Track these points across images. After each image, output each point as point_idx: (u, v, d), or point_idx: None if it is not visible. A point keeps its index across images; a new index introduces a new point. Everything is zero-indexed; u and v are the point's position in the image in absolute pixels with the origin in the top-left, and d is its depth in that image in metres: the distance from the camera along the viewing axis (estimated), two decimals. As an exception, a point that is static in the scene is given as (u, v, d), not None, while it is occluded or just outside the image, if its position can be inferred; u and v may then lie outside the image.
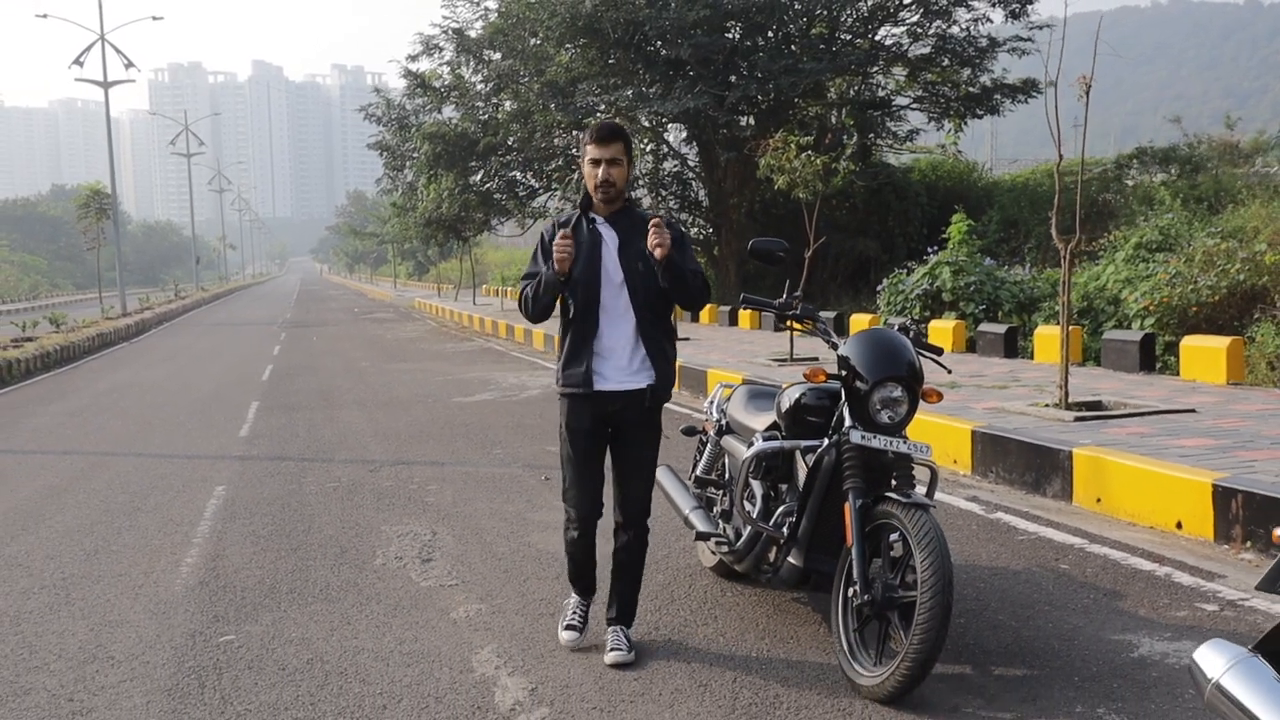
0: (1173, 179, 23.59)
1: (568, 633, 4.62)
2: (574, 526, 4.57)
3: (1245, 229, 15.04)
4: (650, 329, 4.38)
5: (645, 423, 4.47)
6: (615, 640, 4.42)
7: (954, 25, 25.13)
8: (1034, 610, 4.80)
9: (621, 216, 4.40)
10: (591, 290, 4.33)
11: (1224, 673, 2.24)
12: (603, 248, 4.33)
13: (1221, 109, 39.18)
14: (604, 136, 4.30)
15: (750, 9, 23.45)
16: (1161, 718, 3.69)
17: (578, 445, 4.48)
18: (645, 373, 4.38)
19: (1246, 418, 7.98)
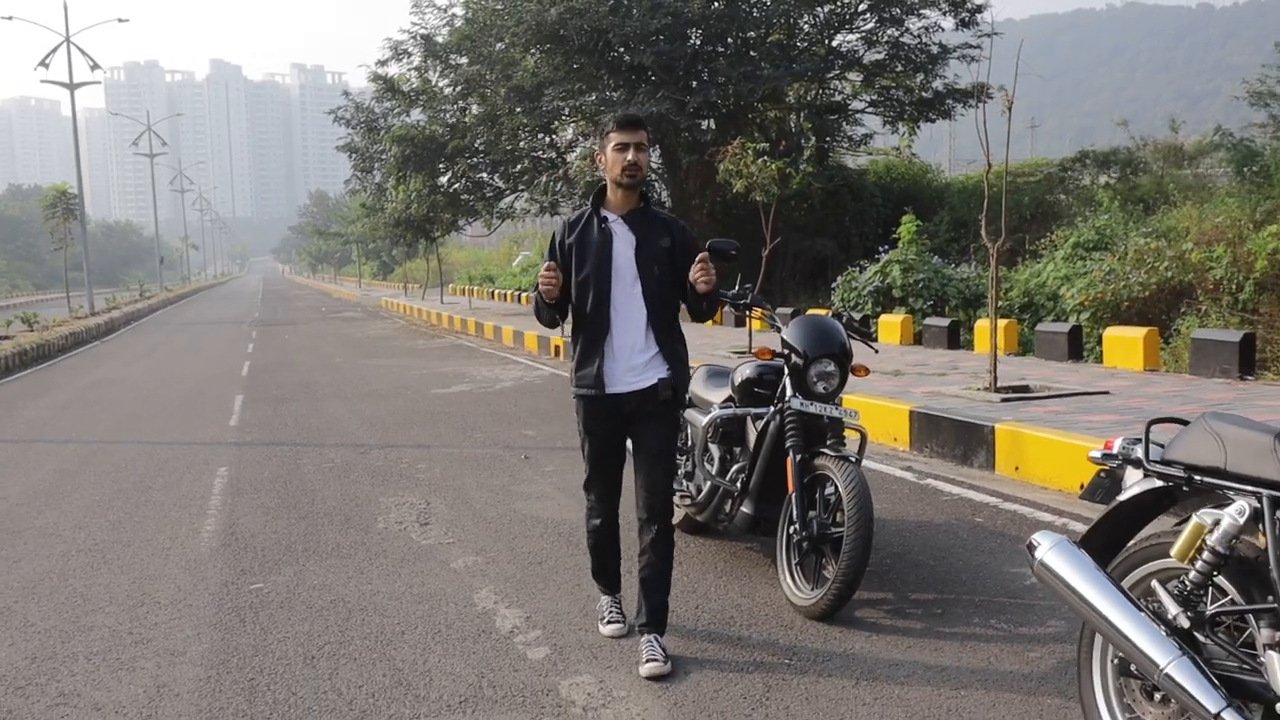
0: (1114, 181, 24.68)
1: (611, 627, 4.65)
2: (596, 513, 4.63)
3: (1176, 229, 16.02)
4: (662, 330, 4.36)
5: (661, 417, 4.43)
6: (651, 651, 4.28)
7: (906, 33, 26.11)
8: (949, 552, 5.68)
9: (639, 215, 4.37)
10: (603, 289, 4.31)
11: (1045, 553, 3.09)
12: (614, 246, 4.32)
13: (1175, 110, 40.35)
14: (629, 123, 4.31)
15: (710, 17, 24.30)
16: (1038, 625, 4.58)
17: (595, 447, 4.52)
18: (656, 369, 4.35)
19: (1153, 398, 8.90)
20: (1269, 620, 2.73)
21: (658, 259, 4.32)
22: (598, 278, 4.32)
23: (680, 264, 4.35)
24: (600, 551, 4.71)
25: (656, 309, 4.34)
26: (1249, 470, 2.80)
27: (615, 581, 4.76)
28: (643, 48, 23.51)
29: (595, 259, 4.32)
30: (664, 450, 4.45)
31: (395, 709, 4.00)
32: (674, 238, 4.39)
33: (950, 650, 4.34)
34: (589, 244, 4.35)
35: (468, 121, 28.19)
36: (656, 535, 4.44)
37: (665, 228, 4.40)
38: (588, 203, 4.49)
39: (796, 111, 27.61)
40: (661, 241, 4.35)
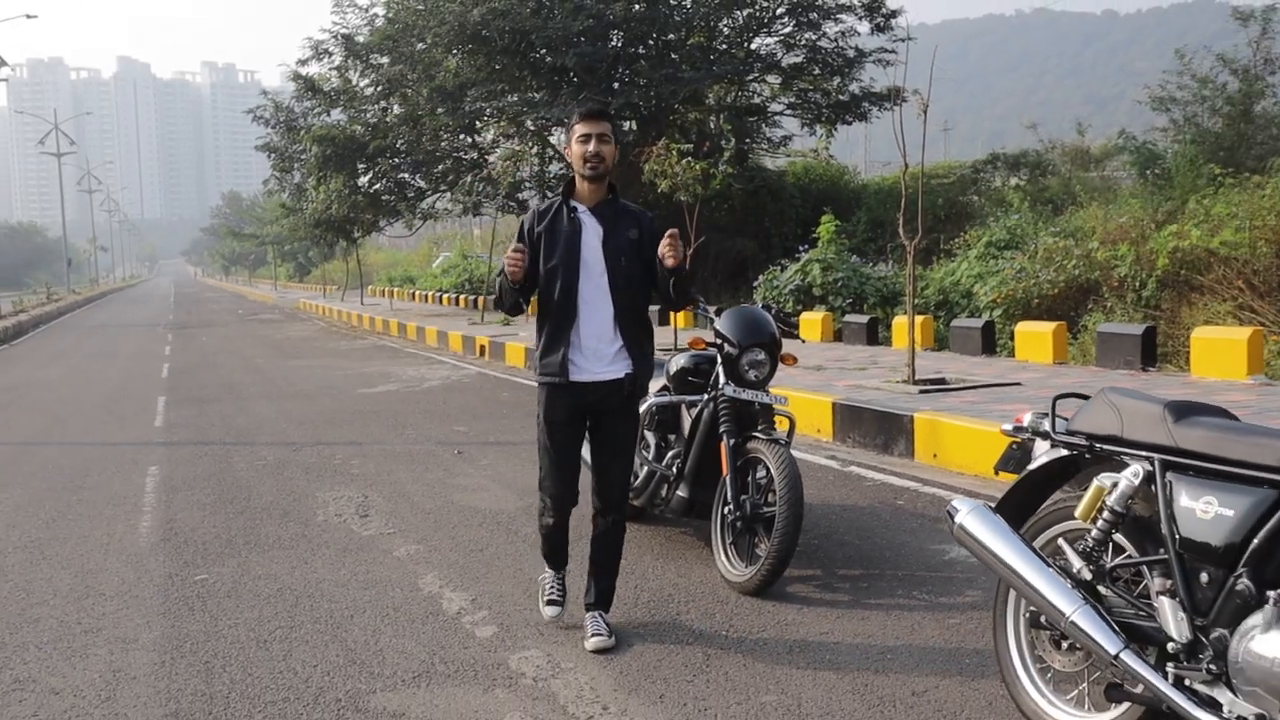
0: (1024, 182, 25.45)
1: (550, 608, 4.68)
2: (550, 514, 4.61)
3: (1083, 229, 16.65)
4: (628, 322, 4.40)
5: (624, 411, 4.50)
6: (596, 626, 4.42)
7: (824, 37, 26.65)
8: (873, 532, 5.99)
9: (607, 207, 4.41)
10: (570, 279, 4.33)
11: (964, 517, 3.38)
12: (583, 237, 4.36)
13: (1082, 114, 41.45)
14: (593, 113, 4.34)
15: (632, 19, 24.58)
16: (957, 595, 4.91)
17: (555, 436, 4.49)
18: (623, 362, 4.40)
19: (1062, 388, 9.25)
20: (1160, 571, 3.04)
21: (625, 251, 4.36)
22: (565, 268, 4.33)
23: (649, 255, 4.39)
24: (552, 542, 4.72)
25: (623, 300, 4.36)
26: (1142, 437, 3.11)
27: (563, 560, 4.77)
28: (565, 49, 23.71)
29: (564, 249, 4.34)
30: (625, 445, 4.53)
31: (351, 685, 4.16)
32: (642, 230, 4.43)
33: (876, 619, 4.63)
34: (558, 234, 4.36)
35: (389, 121, 28.15)
36: (611, 525, 4.54)
37: (634, 220, 4.44)
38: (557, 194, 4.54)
39: (716, 113, 28.01)
40: (629, 233, 4.38)
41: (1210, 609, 2.88)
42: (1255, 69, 23.92)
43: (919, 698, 3.82)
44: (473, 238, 60.29)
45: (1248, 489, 2.83)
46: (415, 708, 3.93)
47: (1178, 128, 24.60)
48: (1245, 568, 2.79)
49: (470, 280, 37.57)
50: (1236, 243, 12.88)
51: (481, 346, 18.88)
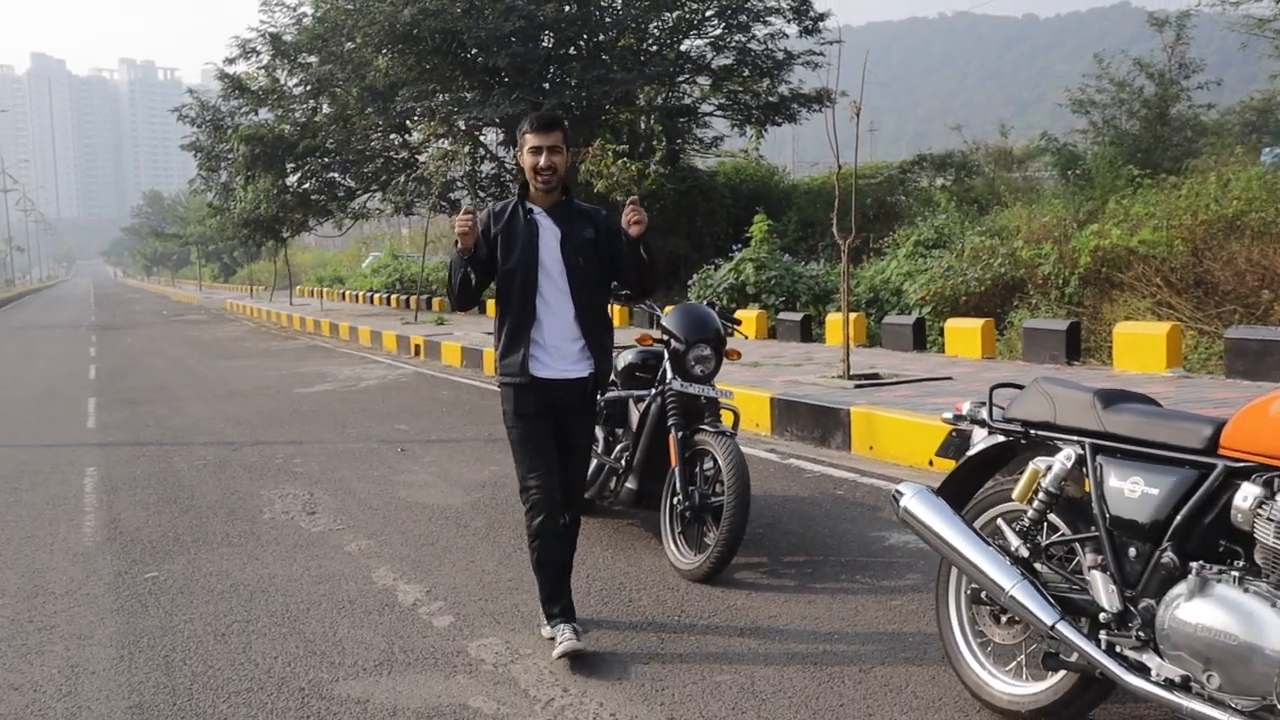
0: (949, 182, 25.99)
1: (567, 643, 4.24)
2: (539, 511, 4.39)
3: (1008, 228, 17.08)
4: (589, 321, 4.43)
5: (585, 409, 4.55)
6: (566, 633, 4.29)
7: (753, 39, 26.95)
8: (815, 521, 6.19)
9: (562, 209, 4.44)
10: (529, 280, 4.35)
11: (909, 500, 3.56)
12: (540, 239, 4.37)
13: (1004, 116, 42.34)
14: (544, 125, 4.32)
15: (563, 20, 24.66)
16: (898, 579, 5.12)
17: (530, 429, 4.41)
18: (586, 361, 4.44)
19: (992, 381, 9.57)
20: (1092, 547, 3.25)
21: (583, 251, 4.39)
22: (524, 270, 4.34)
23: (606, 251, 4.45)
24: (550, 565, 4.42)
25: (583, 299, 4.40)
26: (1074, 423, 3.33)
27: (571, 608, 4.42)
28: (497, 49, 23.72)
29: (522, 251, 4.34)
30: (582, 443, 4.57)
31: (314, 674, 4.25)
32: (598, 228, 4.47)
33: (822, 602, 4.82)
34: (515, 236, 4.37)
35: (319, 121, 27.93)
36: (569, 521, 4.49)
37: (589, 219, 4.49)
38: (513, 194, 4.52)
39: (647, 114, 28.20)
40: (586, 233, 4.42)
41: (1138, 581, 3.10)
42: (1170, 73, 24.69)
43: (866, 674, 4.00)
44: (402, 238, 59.90)
45: (1171, 469, 3.05)
46: (379, 695, 4.03)
47: (1097, 130, 25.31)
48: (1170, 542, 3.01)
49: (401, 280, 37.36)
50: (1155, 241, 13.31)
51: (416, 346, 18.86)
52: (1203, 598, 2.87)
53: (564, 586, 4.43)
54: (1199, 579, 2.90)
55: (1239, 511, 2.84)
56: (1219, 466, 2.94)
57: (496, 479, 7.84)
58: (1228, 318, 11.95)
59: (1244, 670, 2.75)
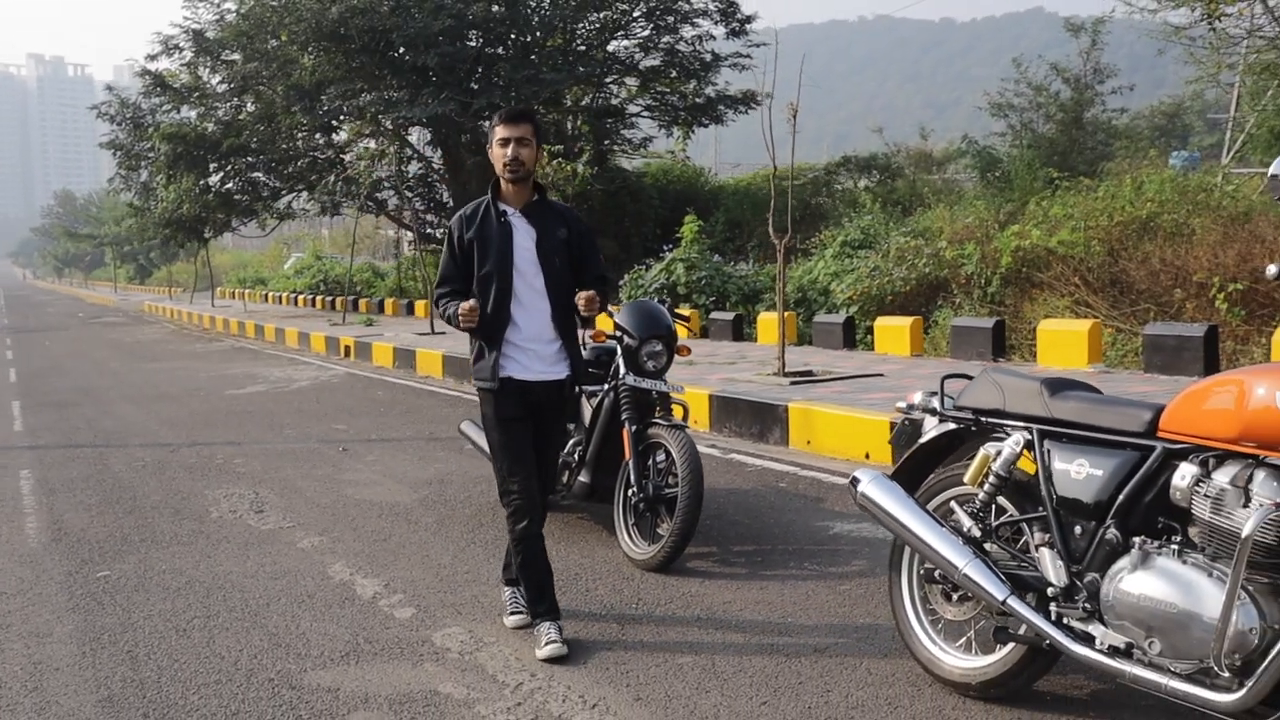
0: (873, 184, 26.47)
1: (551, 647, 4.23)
2: (523, 515, 4.39)
3: (931, 229, 17.49)
4: (564, 320, 4.43)
5: (560, 409, 4.58)
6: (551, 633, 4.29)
7: (681, 41, 27.19)
8: (761, 513, 6.37)
9: (535, 208, 4.43)
10: (504, 284, 4.32)
11: (866, 485, 3.75)
12: (514, 240, 4.35)
13: (922, 118, 43.17)
14: (513, 117, 4.30)
15: (491, 20, 24.67)
16: (845, 565, 5.32)
17: (510, 432, 4.40)
18: (563, 363, 4.46)
19: (922, 378, 9.94)
20: (1040, 526, 3.46)
21: (557, 251, 4.39)
22: (500, 273, 4.32)
23: (577, 252, 4.48)
24: (534, 568, 4.41)
25: (559, 300, 4.39)
26: (1022, 410, 3.53)
27: (555, 606, 4.41)
28: (426, 48, 23.65)
29: (497, 254, 4.33)
30: (554, 444, 4.66)
31: (281, 665, 4.31)
32: (570, 228, 4.49)
33: (774, 588, 4.99)
34: (489, 238, 4.35)
35: (243, 119, 27.59)
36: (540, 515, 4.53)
37: (561, 219, 4.50)
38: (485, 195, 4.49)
39: (574, 115, 28.30)
40: (559, 233, 4.42)
41: (1084, 557, 3.30)
42: (1085, 78, 25.43)
43: (821, 653, 4.18)
44: (323, 238, 59.26)
45: (1114, 452, 3.27)
46: (349, 683, 4.11)
47: (1015, 133, 25.98)
48: (1113, 519, 3.22)
49: (326, 281, 37.02)
50: (1073, 242, 13.75)
51: (346, 347, 18.76)
52: (1144, 570, 3.09)
53: (548, 587, 4.42)
54: (1141, 553, 3.11)
55: (1177, 490, 3.05)
56: (1158, 448, 3.16)
57: (442, 476, 7.91)
58: (1142, 315, 12.40)
59: (1183, 636, 2.97)
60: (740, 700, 3.79)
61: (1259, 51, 12.06)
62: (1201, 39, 11.67)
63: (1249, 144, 23.54)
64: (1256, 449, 2.90)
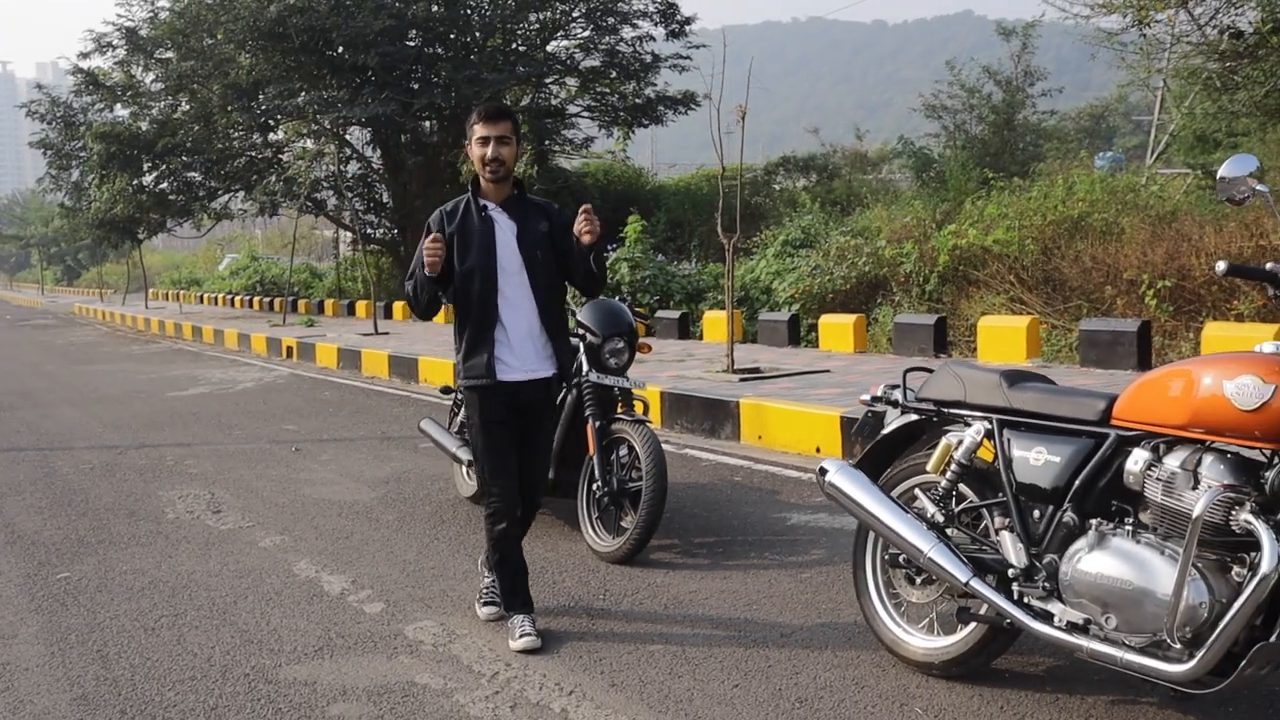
0: (812, 184, 26.81)
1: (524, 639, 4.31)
2: (501, 515, 4.44)
3: (870, 228, 17.80)
4: (551, 316, 4.41)
5: (547, 409, 4.59)
6: (525, 626, 4.34)
7: (621, 42, 27.32)
8: (719, 505, 6.51)
9: (516, 203, 4.41)
10: (489, 279, 4.31)
11: (833, 475, 3.89)
12: (497, 235, 4.35)
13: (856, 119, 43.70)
14: (492, 115, 4.29)
15: (432, 20, 24.61)
16: (804, 554, 5.47)
17: (495, 436, 4.41)
18: (550, 361, 4.43)
19: (866, 374, 10.15)
20: (1000, 511, 3.63)
21: (540, 244, 4.37)
22: (483, 268, 4.30)
23: (561, 245, 4.43)
24: (510, 566, 4.48)
25: (544, 295, 4.38)
26: (982, 401, 3.70)
27: (529, 601, 4.48)
28: (366, 48, 23.53)
29: (479, 250, 4.31)
30: (544, 442, 4.67)
31: (256, 661, 4.35)
32: (551, 221, 4.46)
33: (737, 577, 5.13)
34: (470, 234, 4.33)
35: (178, 119, 27.23)
36: (526, 514, 4.62)
37: (542, 212, 4.47)
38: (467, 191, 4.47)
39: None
40: (540, 226, 4.40)
41: (1042, 539, 3.48)
42: (1016, 80, 25.95)
43: (787, 638, 4.32)
44: (256, 239, 58.55)
45: (1070, 439, 3.44)
46: (325, 676, 4.17)
47: (949, 134, 26.44)
48: (1070, 503, 3.39)
49: (263, 282, 36.63)
50: (1008, 241, 14.09)
51: (289, 348, 18.62)
52: (1100, 550, 3.26)
53: (522, 583, 4.49)
54: (1097, 534, 3.29)
55: (1130, 474, 3.23)
56: (1112, 435, 3.33)
57: (399, 475, 7.95)
58: (1075, 312, 12.75)
59: (1137, 611, 3.14)
60: (712, 684, 3.92)
61: (1185, 57, 12.48)
62: (1132, 44, 12.03)
63: (1173, 145, 24.22)
64: (1204, 434, 3.09)
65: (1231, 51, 10.90)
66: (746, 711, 3.67)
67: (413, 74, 25.14)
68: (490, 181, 4.36)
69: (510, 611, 4.47)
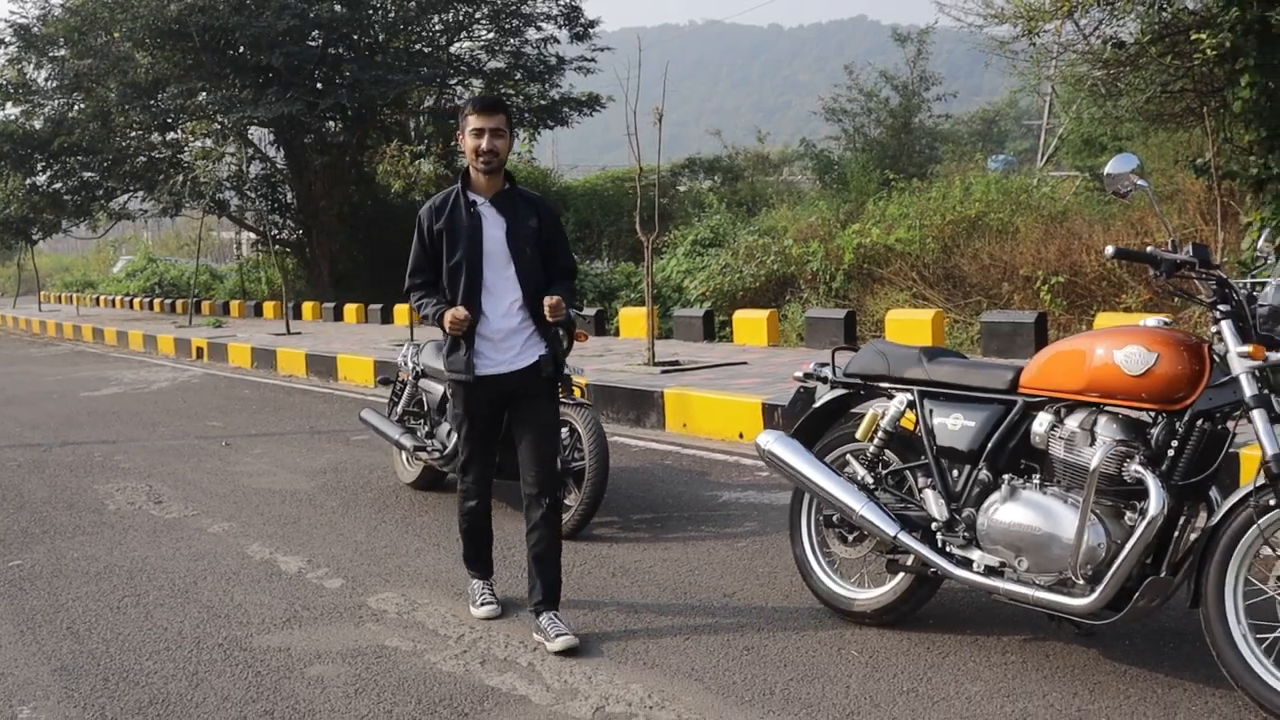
0: (718, 185, 27.39)
1: (485, 608, 4.57)
2: (472, 495, 4.60)
3: (776, 228, 18.36)
4: (536, 307, 4.36)
5: (546, 393, 4.51)
6: (558, 627, 4.26)
7: (526, 44, 27.56)
8: (652, 486, 6.89)
9: (506, 197, 4.39)
10: (475, 275, 4.30)
11: (770, 444, 4.29)
12: (485, 230, 4.33)
13: (754, 122, 44.46)
14: (487, 107, 4.28)
15: (336, 20, 24.57)
16: (738, 527, 5.87)
17: (478, 427, 4.50)
18: (535, 348, 4.41)
19: (783, 365, 10.62)
20: (923, 473, 4.06)
21: (528, 240, 4.35)
22: (470, 263, 4.30)
23: (549, 239, 4.47)
24: (476, 537, 4.68)
25: (530, 289, 4.36)
26: (905, 374, 4.13)
27: (489, 566, 4.73)
28: (270, 48, 23.38)
29: (467, 244, 4.31)
30: (551, 424, 4.54)
31: (227, 633, 4.58)
32: (541, 217, 4.45)
33: (677, 548, 5.50)
34: (459, 228, 4.33)
35: (74, 117, 26.71)
36: (548, 509, 4.41)
37: (532, 207, 4.45)
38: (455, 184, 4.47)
39: (417, 115, 28.33)
40: (530, 222, 4.39)
41: (961, 495, 3.91)
42: (913, 85, 26.87)
43: (730, 598, 4.70)
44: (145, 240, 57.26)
45: (983, 406, 3.89)
46: (298, 643, 4.42)
47: (849, 136, 27.26)
48: (985, 462, 3.84)
49: (162, 284, 36.02)
50: (909, 240, 14.74)
51: (199, 349, 18.49)
52: (1013, 502, 3.70)
53: (486, 548, 4.73)
54: (1009, 488, 3.73)
55: (1036, 435, 3.69)
56: (1019, 402, 3.79)
57: (335, 465, 8.15)
58: (975, 307, 13.42)
59: (1045, 554, 3.59)
60: (665, 638, 4.28)
61: (1071, 65, 13.22)
62: (1023, 52, 12.73)
63: (1062, 149, 25.33)
64: (1099, 398, 3.55)
65: (1115, 60, 11.61)
66: (699, 659, 4.04)
67: (317, 74, 25.05)
68: (482, 174, 4.34)
69: (472, 574, 4.71)
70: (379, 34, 26.35)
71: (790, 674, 3.87)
